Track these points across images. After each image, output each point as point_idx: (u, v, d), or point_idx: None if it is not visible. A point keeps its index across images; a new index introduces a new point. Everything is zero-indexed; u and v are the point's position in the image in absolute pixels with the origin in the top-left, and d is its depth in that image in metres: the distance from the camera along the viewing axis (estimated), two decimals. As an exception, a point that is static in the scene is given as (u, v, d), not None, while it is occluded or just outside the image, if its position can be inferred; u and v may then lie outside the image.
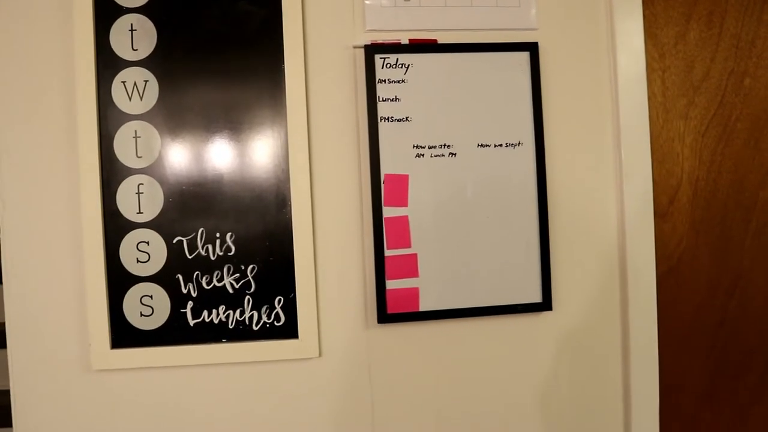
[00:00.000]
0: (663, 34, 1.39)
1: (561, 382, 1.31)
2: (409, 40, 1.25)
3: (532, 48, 1.27)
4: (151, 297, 1.20)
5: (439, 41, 1.26)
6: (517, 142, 1.26)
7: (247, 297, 1.21)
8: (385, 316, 1.22)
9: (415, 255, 1.23)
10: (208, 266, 1.20)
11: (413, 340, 1.26)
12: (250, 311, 1.21)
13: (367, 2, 1.25)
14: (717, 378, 1.41)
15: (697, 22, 1.40)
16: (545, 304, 1.27)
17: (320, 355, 1.24)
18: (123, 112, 1.19)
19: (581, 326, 1.31)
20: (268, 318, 1.21)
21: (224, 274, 1.20)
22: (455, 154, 1.24)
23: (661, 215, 1.37)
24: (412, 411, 1.27)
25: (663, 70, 1.38)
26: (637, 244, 1.31)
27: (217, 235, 1.20)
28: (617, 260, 1.33)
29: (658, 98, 1.38)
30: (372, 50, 1.22)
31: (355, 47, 1.25)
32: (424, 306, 1.24)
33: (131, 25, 1.20)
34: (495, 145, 1.26)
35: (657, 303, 1.32)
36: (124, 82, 1.20)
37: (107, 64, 1.19)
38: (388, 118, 1.23)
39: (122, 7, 1.20)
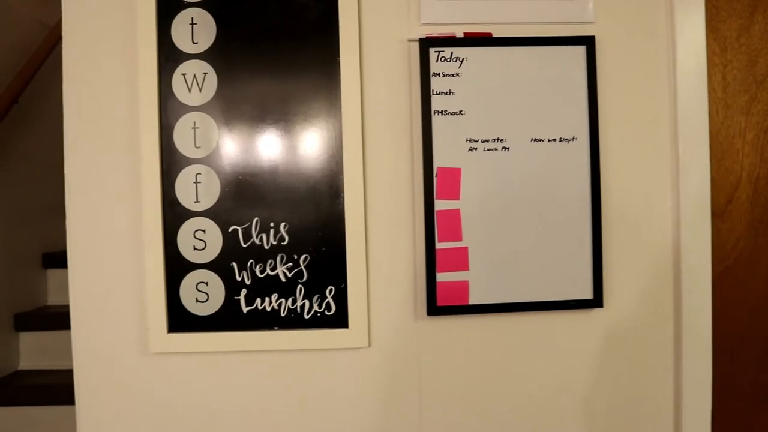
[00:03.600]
0: (725, 27, 1.35)
1: (610, 380, 1.29)
2: (464, 33, 1.25)
3: (588, 42, 1.25)
4: (207, 284, 1.23)
5: (494, 35, 1.25)
6: (572, 137, 1.25)
7: (299, 286, 1.23)
8: (434, 309, 1.23)
9: (466, 248, 1.23)
10: (261, 255, 1.23)
11: (462, 333, 1.27)
12: (302, 300, 1.23)
13: (422, -4, 1.25)
14: (774, 382, 1.37)
15: (763, 15, 1.35)
16: (596, 301, 1.26)
17: (369, 345, 1.25)
18: (183, 104, 1.23)
19: (633, 325, 1.29)
20: (319, 307, 1.23)
21: (277, 263, 1.23)
22: (508, 149, 1.24)
23: (718, 214, 1.34)
24: (459, 403, 1.27)
25: (724, 65, 1.34)
26: (693, 243, 1.28)
27: (271, 224, 1.23)
28: (671, 259, 1.30)
29: (718, 93, 1.34)
30: (427, 44, 1.23)
31: (409, 41, 1.25)
32: (474, 299, 1.24)
33: (192, 18, 1.23)
34: (549, 140, 1.24)
35: (712, 305, 1.29)
36: (184, 75, 1.23)
37: (168, 57, 1.23)
38: (442, 111, 1.23)
39: (183, 1, 1.23)
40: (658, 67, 1.30)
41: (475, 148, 1.23)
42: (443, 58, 1.23)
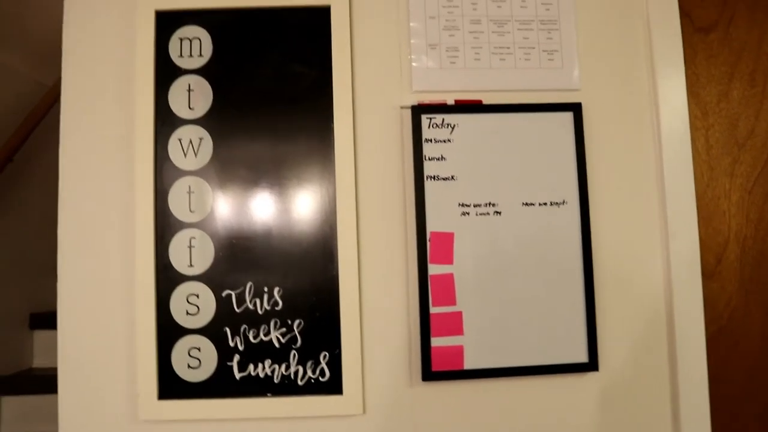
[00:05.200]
0: (705, 93, 1.39)
1: (608, 444, 1.28)
2: (455, 100, 1.28)
3: (575, 108, 1.29)
4: (199, 349, 1.22)
5: (484, 102, 1.29)
6: (562, 201, 1.27)
7: (293, 352, 1.22)
8: (429, 374, 1.22)
9: (460, 313, 1.23)
10: (255, 320, 1.22)
11: (457, 399, 1.25)
12: (296, 366, 1.22)
13: (414, 64, 1.29)
14: (773, 445, 1.35)
15: (740, 81, 1.40)
16: (591, 365, 1.25)
17: (364, 412, 1.23)
18: (178, 168, 1.24)
19: (629, 388, 1.28)
20: (313, 373, 1.22)
21: (271, 329, 1.22)
22: (500, 213, 1.26)
23: (708, 274, 1.35)
24: (455, 471, 1.25)
25: (707, 129, 1.39)
26: (685, 303, 1.29)
27: (265, 289, 1.23)
28: (665, 321, 1.30)
29: (703, 156, 1.38)
30: (419, 110, 1.26)
31: (402, 107, 1.28)
32: (469, 364, 1.23)
33: (189, 85, 1.26)
34: (540, 204, 1.27)
35: (707, 365, 1.29)
36: (180, 140, 1.25)
37: (165, 121, 1.25)
38: (434, 176, 1.25)
39: (181, 68, 1.26)
40: (644, 132, 1.33)
41: (468, 213, 1.25)
42: (435, 125, 1.26)
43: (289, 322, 1.22)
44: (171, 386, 1.21)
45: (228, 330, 1.22)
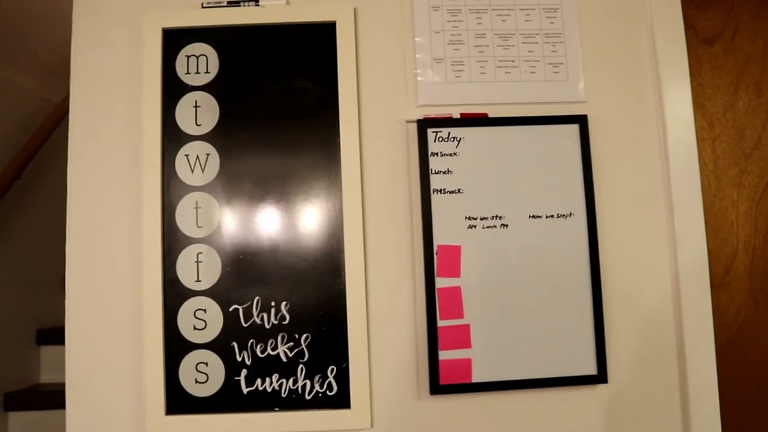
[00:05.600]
0: (711, 104, 1.40)
1: (618, 458, 1.26)
2: (461, 114, 1.29)
3: (581, 120, 1.29)
4: (207, 364, 1.22)
5: (490, 115, 1.29)
6: (569, 213, 1.27)
7: (301, 366, 1.22)
8: (437, 387, 1.21)
9: (468, 326, 1.23)
10: (262, 334, 1.22)
11: (466, 412, 1.24)
12: (303, 380, 1.21)
13: (419, 78, 1.30)
14: (786, 458, 1.34)
15: (746, 91, 1.40)
16: (600, 377, 1.24)
17: (372, 425, 1.22)
18: (185, 184, 1.25)
19: (638, 400, 1.27)
20: (321, 387, 1.21)
21: (278, 343, 1.22)
22: (507, 225, 1.26)
23: (717, 285, 1.34)
24: (464, 486, 1.24)
25: (713, 139, 1.38)
26: (694, 315, 1.28)
27: (272, 303, 1.22)
28: (674, 331, 1.30)
29: (710, 167, 1.37)
30: (424, 124, 1.26)
31: (408, 121, 1.29)
32: (477, 377, 1.22)
33: (196, 101, 1.27)
34: (546, 216, 1.26)
35: (717, 376, 1.28)
36: (187, 156, 1.26)
37: (172, 138, 1.26)
38: (441, 190, 1.25)
39: (188, 85, 1.27)
40: (650, 143, 1.33)
41: (474, 226, 1.25)
42: (441, 138, 1.26)
43: (297, 336, 1.22)
44: (178, 401, 1.21)
45: (235, 344, 1.22)
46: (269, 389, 1.21)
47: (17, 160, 2.32)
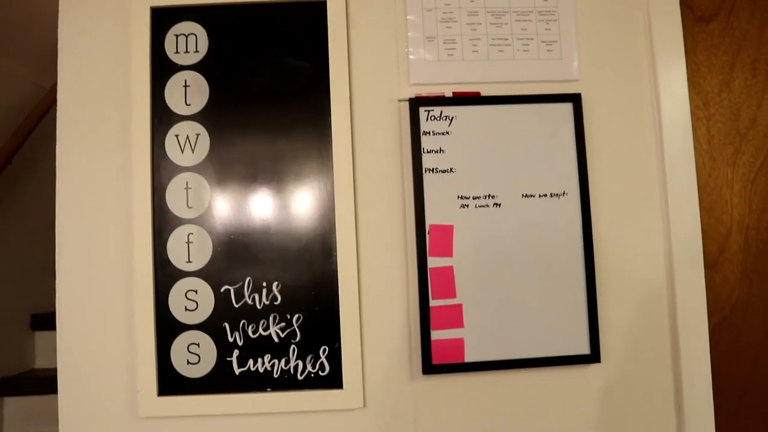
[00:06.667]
0: (706, 83, 1.38)
1: (611, 437, 1.27)
2: (453, 93, 1.27)
3: (575, 99, 1.28)
4: (198, 345, 1.21)
5: (482, 94, 1.28)
6: (562, 192, 1.26)
7: (293, 346, 1.21)
8: (430, 367, 1.21)
9: (460, 305, 1.23)
10: (254, 315, 1.21)
11: (458, 392, 1.24)
12: (295, 360, 1.21)
13: (411, 57, 1.28)
14: (778, 437, 1.34)
15: (741, 70, 1.39)
16: (593, 356, 1.24)
17: (365, 405, 1.22)
18: (175, 164, 1.24)
19: (631, 379, 1.27)
20: (313, 368, 1.21)
21: (270, 323, 1.21)
22: (500, 205, 1.25)
23: (711, 265, 1.34)
24: (457, 466, 1.24)
25: (708, 119, 1.37)
26: (688, 294, 1.28)
27: (264, 284, 1.22)
28: (667, 311, 1.29)
29: (704, 146, 1.37)
30: (416, 103, 1.25)
31: (400, 100, 1.28)
32: (470, 357, 1.22)
33: (185, 81, 1.26)
34: (539, 195, 1.26)
35: (710, 356, 1.27)
36: (177, 136, 1.24)
37: (162, 118, 1.25)
38: (433, 169, 1.24)
39: (177, 64, 1.26)
40: (644, 122, 1.32)
41: (467, 205, 1.24)
42: (433, 117, 1.25)
43: (288, 316, 1.21)
44: (171, 383, 1.21)
45: (227, 325, 1.21)
46: (261, 370, 1.21)
47: (8, 145, 2.30)
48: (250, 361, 1.21)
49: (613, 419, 1.26)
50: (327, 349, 1.21)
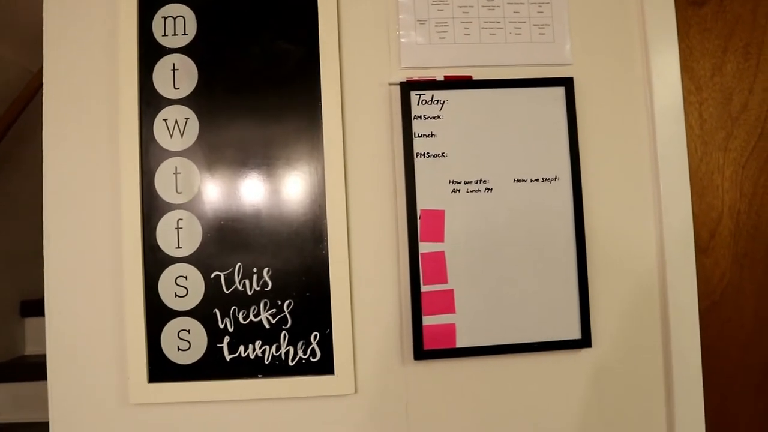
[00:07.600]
0: (699, 67, 1.38)
1: (601, 420, 1.27)
2: (444, 76, 1.26)
3: (567, 83, 1.27)
4: (189, 331, 1.20)
5: (474, 77, 1.27)
6: (554, 177, 1.26)
7: (284, 332, 1.21)
8: (421, 353, 1.21)
9: (452, 291, 1.22)
10: (244, 301, 1.21)
11: (450, 377, 1.24)
12: (286, 347, 1.21)
13: (402, 40, 1.27)
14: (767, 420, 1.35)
15: (734, 54, 1.39)
16: (584, 341, 1.24)
17: (356, 391, 1.22)
18: (164, 149, 1.22)
19: (622, 364, 1.28)
20: (304, 353, 1.21)
21: (261, 309, 1.21)
22: (491, 189, 1.24)
23: (702, 249, 1.34)
24: (448, 450, 1.24)
25: (700, 103, 1.37)
26: (678, 279, 1.28)
27: (254, 270, 1.21)
28: (658, 295, 1.30)
29: (696, 131, 1.36)
30: (407, 87, 1.24)
31: (390, 84, 1.26)
32: (461, 342, 1.22)
33: (173, 64, 1.24)
34: (531, 180, 1.25)
35: (701, 340, 1.28)
36: (165, 120, 1.23)
37: (150, 102, 1.23)
38: (424, 153, 1.23)
39: (165, 47, 1.24)
40: (636, 106, 1.32)
41: (459, 190, 1.24)
42: (424, 101, 1.24)
43: (279, 302, 1.21)
44: (161, 369, 1.20)
45: (217, 311, 1.20)
46: (252, 356, 1.20)
47: (-5, 130, 2.27)
48: (241, 348, 1.20)
49: (604, 403, 1.27)
50: (318, 335, 1.21)
